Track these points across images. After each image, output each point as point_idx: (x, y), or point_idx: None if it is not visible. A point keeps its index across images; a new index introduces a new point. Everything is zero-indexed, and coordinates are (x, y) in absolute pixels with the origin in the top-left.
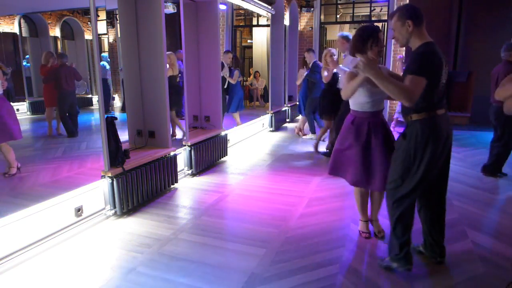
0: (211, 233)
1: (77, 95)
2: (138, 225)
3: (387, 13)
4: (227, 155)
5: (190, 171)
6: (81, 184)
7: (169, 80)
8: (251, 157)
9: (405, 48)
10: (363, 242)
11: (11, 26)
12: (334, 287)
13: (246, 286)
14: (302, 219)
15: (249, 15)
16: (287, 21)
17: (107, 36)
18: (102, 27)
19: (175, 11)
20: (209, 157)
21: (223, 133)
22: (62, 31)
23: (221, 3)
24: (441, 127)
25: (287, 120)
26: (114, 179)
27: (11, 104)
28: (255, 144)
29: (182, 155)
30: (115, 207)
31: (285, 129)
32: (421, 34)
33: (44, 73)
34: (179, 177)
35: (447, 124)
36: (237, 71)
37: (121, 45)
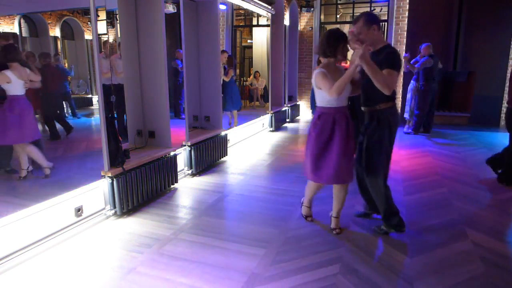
0: (211, 233)
1: (78, 95)
2: (138, 225)
3: (387, 13)
4: (227, 155)
5: (190, 171)
6: (81, 184)
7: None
8: (251, 157)
9: (406, 47)
10: (363, 242)
11: (11, 26)
12: (334, 287)
13: (246, 286)
14: (302, 219)
15: (249, 15)
16: (287, 21)
17: (107, 36)
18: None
19: (175, 11)
20: (209, 157)
21: (223, 133)
22: (62, 31)
23: (221, 3)
24: (398, 113)
25: (287, 120)
26: (114, 179)
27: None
28: (255, 144)
29: (182, 155)
30: (115, 207)
31: (285, 129)
32: (381, 36)
33: None
34: (179, 177)
35: None
36: (231, 70)
37: (121, 45)
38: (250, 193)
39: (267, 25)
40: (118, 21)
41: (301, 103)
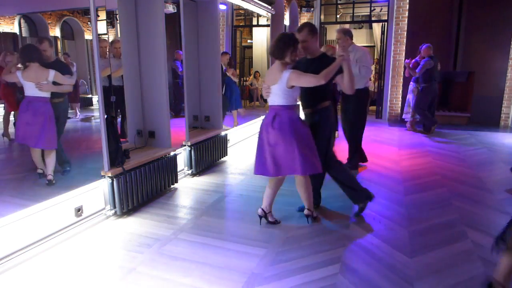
0: (211, 233)
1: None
2: (138, 225)
3: (387, 13)
4: (227, 155)
5: (190, 171)
6: (81, 184)
7: None
8: (251, 157)
9: (405, 47)
10: (363, 242)
11: (11, 26)
12: (334, 287)
13: (246, 286)
14: (302, 219)
15: (249, 15)
16: (287, 21)
17: (107, 36)
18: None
19: (175, 11)
20: (209, 157)
21: (223, 133)
22: (62, 31)
23: (221, 3)
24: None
25: None
26: (114, 179)
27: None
28: (255, 144)
29: (182, 155)
30: (115, 207)
31: None
32: (318, 46)
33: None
34: (179, 177)
35: None
36: (231, 69)
37: (121, 45)
38: (250, 193)
39: (267, 25)
40: (118, 21)
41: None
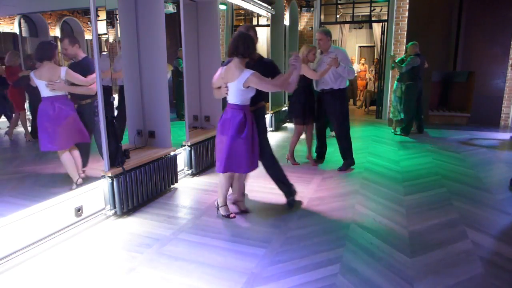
0: (211, 233)
1: None
2: (138, 225)
3: (387, 13)
4: None
5: (190, 171)
6: (81, 184)
7: None
8: None
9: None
10: (363, 242)
11: (11, 26)
12: (334, 287)
13: (245, 286)
14: (302, 219)
15: (249, 15)
16: (287, 21)
17: (107, 36)
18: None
19: (175, 11)
20: (209, 157)
21: None
22: (62, 31)
23: (221, 3)
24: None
25: (287, 120)
26: (114, 179)
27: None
28: None
29: (182, 155)
30: (115, 207)
31: (285, 129)
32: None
33: (10, 76)
34: (179, 177)
35: None
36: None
37: (121, 45)
38: (250, 193)
39: (267, 25)
40: (118, 21)
41: None
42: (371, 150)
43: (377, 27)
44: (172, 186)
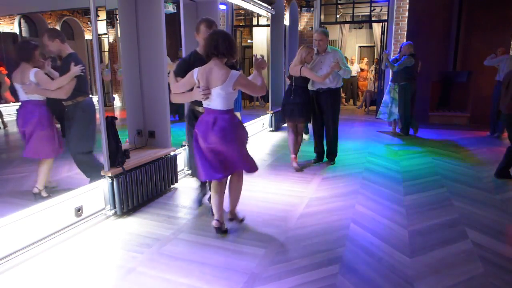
0: (211, 233)
1: None
2: (138, 225)
3: (387, 13)
4: None
5: (190, 171)
6: (81, 184)
7: None
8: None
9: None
10: (363, 242)
11: (11, 26)
12: (334, 287)
13: (245, 286)
14: (302, 219)
15: (249, 15)
16: (287, 21)
17: (107, 36)
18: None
19: (175, 11)
20: None
21: None
22: (62, 31)
23: (221, 3)
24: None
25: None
26: (114, 179)
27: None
28: (255, 144)
29: (182, 155)
30: (115, 207)
31: (285, 129)
32: None
33: None
34: (179, 177)
35: None
36: (240, 70)
37: (121, 45)
38: (250, 193)
39: (267, 25)
40: (118, 21)
41: None
42: (371, 150)
43: (377, 27)
44: (172, 186)
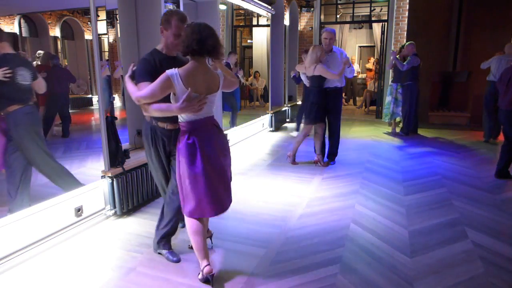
0: None
1: (77, 95)
2: (138, 225)
3: (387, 13)
4: None
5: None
6: (81, 184)
7: None
8: (251, 157)
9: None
10: (363, 242)
11: (11, 26)
12: (334, 287)
13: (245, 286)
14: (302, 219)
15: (249, 15)
16: (287, 21)
17: (107, 36)
18: (102, 27)
19: None
20: None
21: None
22: (62, 31)
23: (221, 3)
24: None
25: (287, 120)
26: (114, 179)
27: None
28: (255, 144)
29: None
30: (115, 207)
31: (285, 129)
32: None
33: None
34: None
35: None
36: (241, 71)
37: (121, 45)
38: (250, 193)
39: (267, 25)
40: (118, 21)
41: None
42: (371, 150)
43: (377, 27)
44: None
